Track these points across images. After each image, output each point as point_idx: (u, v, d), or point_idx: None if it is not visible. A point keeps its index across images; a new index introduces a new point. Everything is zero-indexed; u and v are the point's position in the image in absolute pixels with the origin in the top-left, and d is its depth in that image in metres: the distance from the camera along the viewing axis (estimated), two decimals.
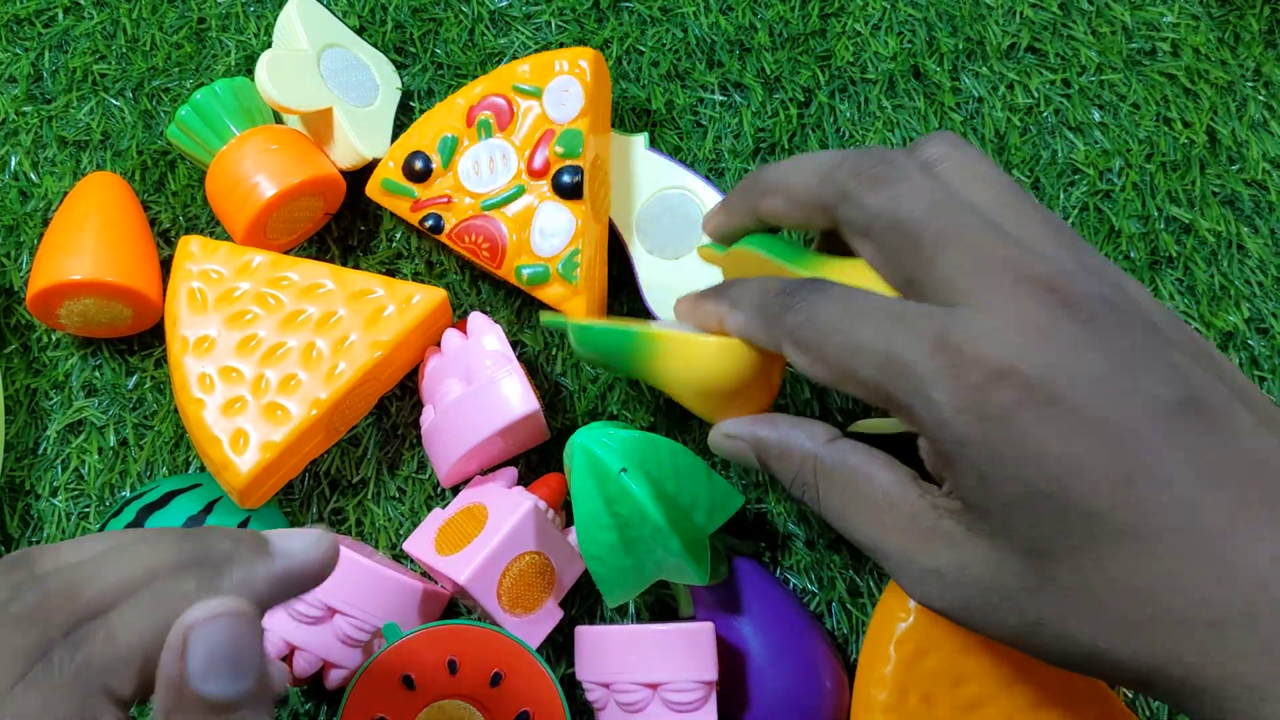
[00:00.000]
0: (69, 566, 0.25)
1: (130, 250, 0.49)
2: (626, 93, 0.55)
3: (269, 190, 0.48)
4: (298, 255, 0.52)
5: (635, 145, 0.51)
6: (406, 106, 0.55)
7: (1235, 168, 0.54)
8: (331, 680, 0.43)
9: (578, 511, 0.39)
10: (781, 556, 0.48)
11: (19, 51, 0.57)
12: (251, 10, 0.57)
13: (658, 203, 0.50)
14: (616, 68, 0.56)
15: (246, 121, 0.50)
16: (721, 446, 0.38)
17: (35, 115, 0.55)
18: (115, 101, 0.56)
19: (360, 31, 0.56)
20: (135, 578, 0.25)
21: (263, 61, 0.48)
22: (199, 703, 0.22)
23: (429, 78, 0.56)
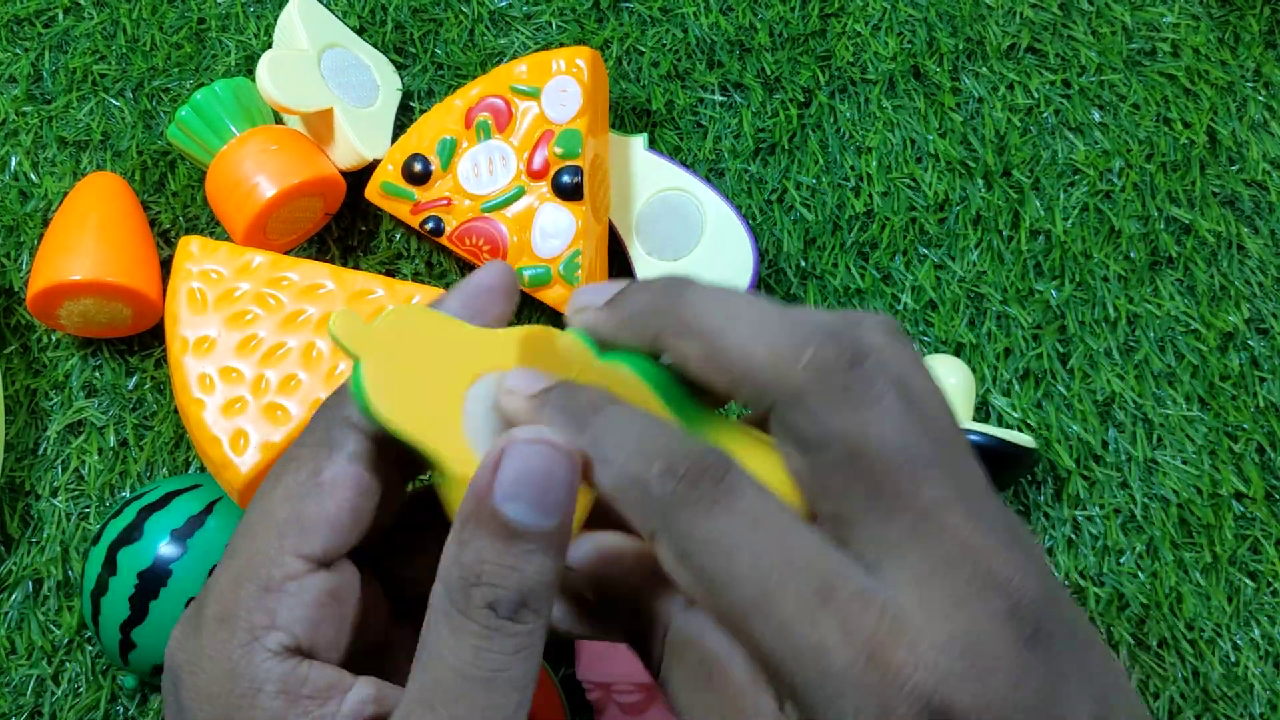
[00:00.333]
0: None
1: (130, 250, 0.49)
2: (626, 93, 0.55)
3: (269, 190, 0.48)
4: (298, 255, 0.52)
5: (635, 146, 0.51)
6: (406, 107, 0.55)
7: (1235, 168, 0.54)
8: None
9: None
10: None
11: (19, 51, 0.57)
12: (251, 10, 0.57)
13: (657, 203, 0.50)
14: (616, 68, 0.56)
15: (246, 121, 0.50)
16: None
17: (35, 115, 0.55)
18: (115, 101, 0.56)
19: (360, 31, 0.56)
20: None
21: (264, 61, 0.48)
22: (495, 520, 0.22)
23: (429, 78, 0.56)
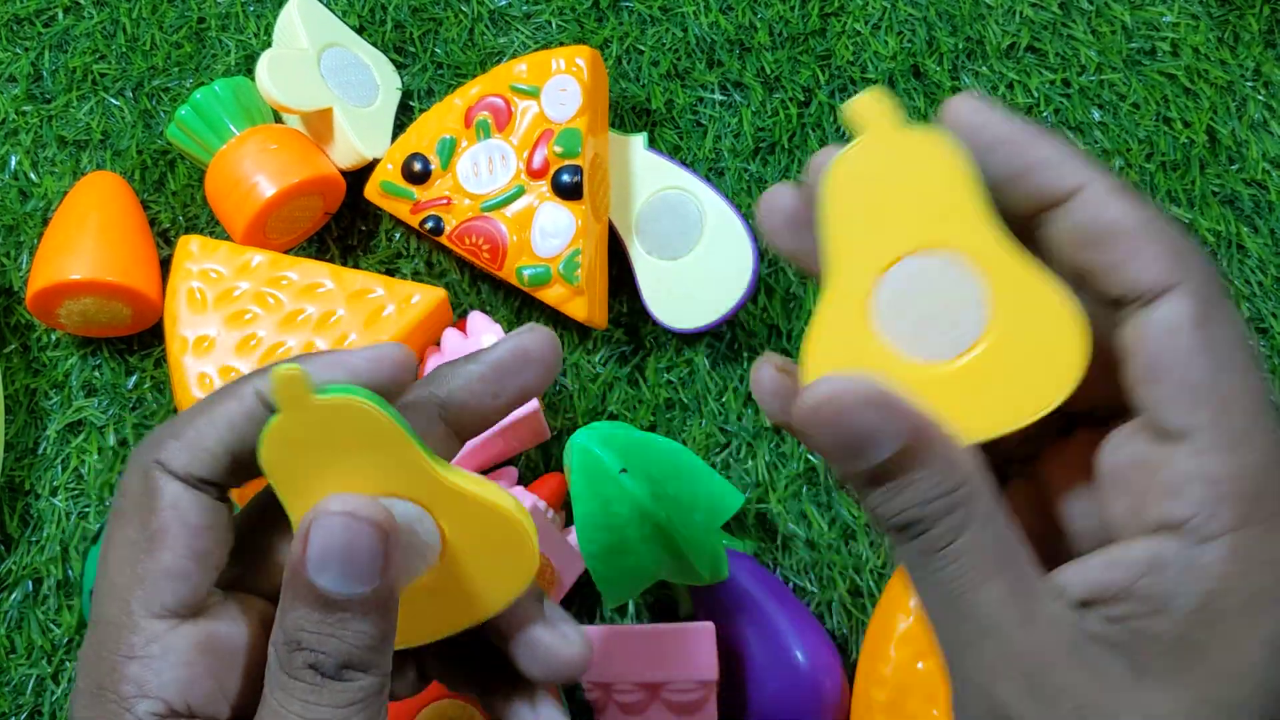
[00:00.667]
0: None
1: (130, 250, 0.49)
2: (626, 92, 0.55)
3: (269, 190, 0.48)
4: (298, 255, 0.52)
5: (634, 145, 0.51)
6: (406, 106, 0.55)
7: (1235, 167, 0.54)
8: None
9: (578, 511, 0.39)
10: (781, 556, 0.48)
11: (19, 51, 0.56)
12: (251, 10, 0.57)
13: (657, 203, 0.50)
14: (616, 67, 0.56)
15: (246, 121, 0.50)
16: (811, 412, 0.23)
17: (35, 115, 0.55)
18: (115, 101, 0.56)
19: (360, 31, 0.56)
20: None
21: (263, 61, 0.48)
22: (310, 590, 0.23)
23: (429, 77, 0.56)
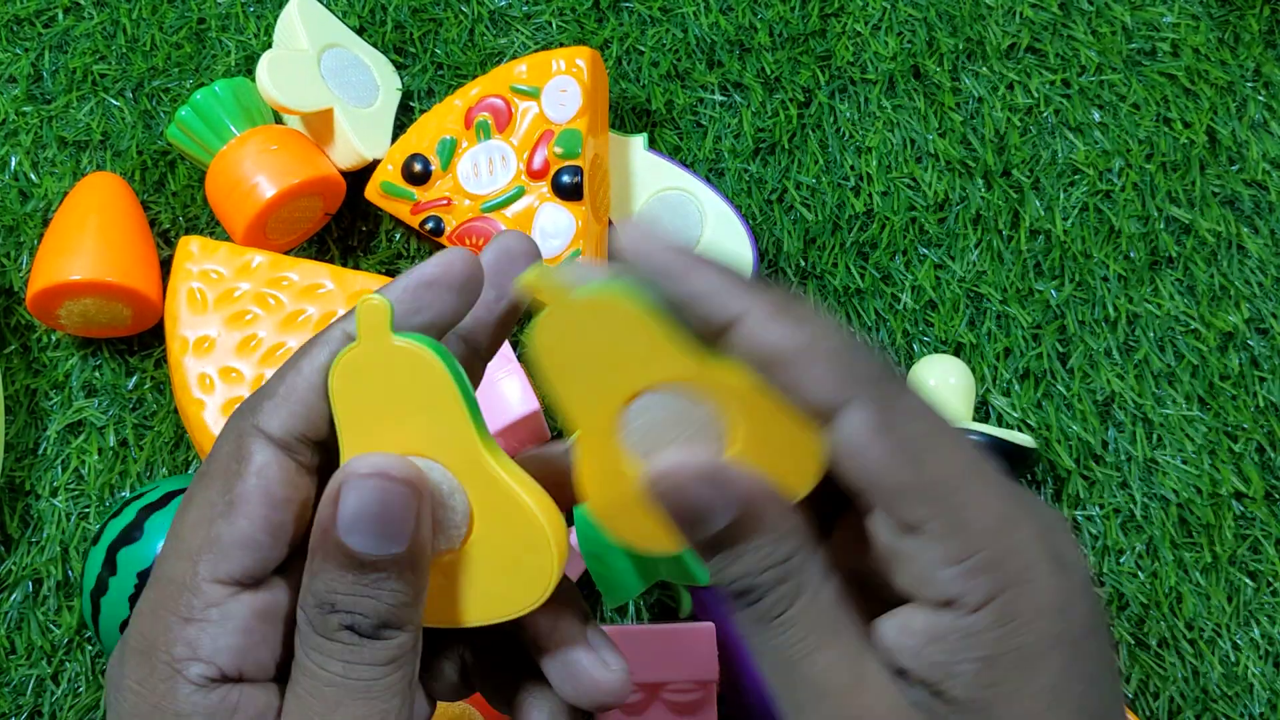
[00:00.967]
0: None
1: (130, 250, 0.49)
2: (626, 93, 0.55)
3: (269, 190, 0.48)
4: (298, 255, 0.52)
5: (634, 146, 0.51)
6: (406, 107, 0.55)
7: (1235, 168, 0.54)
8: None
9: (577, 511, 0.39)
10: None
11: (19, 51, 0.57)
12: (251, 10, 0.57)
13: (657, 203, 0.50)
14: (616, 68, 0.56)
15: (246, 121, 0.50)
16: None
17: (35, 115, 0.55)
18: (115, 101, 0.56)
19: (360, 31, 0.56)
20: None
21: (263, 61, 0.48)
22: (341, 551, 0.23)
23: (429, 78, 0.56)
